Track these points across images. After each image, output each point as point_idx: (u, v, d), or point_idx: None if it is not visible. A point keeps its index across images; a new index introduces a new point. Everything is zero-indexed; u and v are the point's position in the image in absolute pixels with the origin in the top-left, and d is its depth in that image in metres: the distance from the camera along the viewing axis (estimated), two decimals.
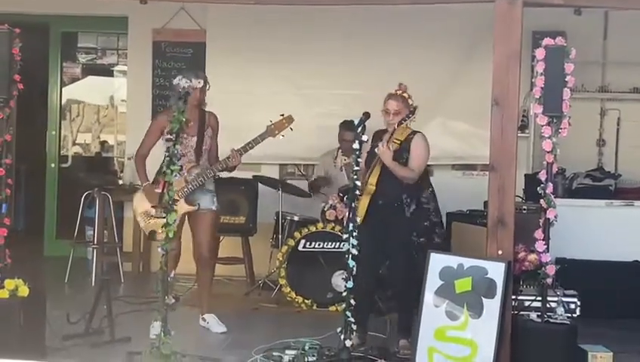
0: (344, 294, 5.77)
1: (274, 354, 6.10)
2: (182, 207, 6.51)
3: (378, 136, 6.53)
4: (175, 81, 6.43)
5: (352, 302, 5.75)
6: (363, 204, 6.34)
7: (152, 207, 6.61)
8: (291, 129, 6.78)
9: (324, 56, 9.29)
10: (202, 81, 6.66)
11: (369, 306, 6.64)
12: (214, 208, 6.84)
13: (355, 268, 5.75)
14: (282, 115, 6.77)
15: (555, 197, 5.81)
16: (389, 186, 6.38)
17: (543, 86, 5.70)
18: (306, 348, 6.17)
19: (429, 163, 6.65)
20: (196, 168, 6.71)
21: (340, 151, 8.46)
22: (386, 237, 6.40)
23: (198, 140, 6.75)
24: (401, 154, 6.41)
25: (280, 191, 8.64)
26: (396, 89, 6.57)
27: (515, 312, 5.78)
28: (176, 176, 5.70)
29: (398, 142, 6.44)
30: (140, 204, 6.83)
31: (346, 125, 8.06)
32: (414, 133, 6.52)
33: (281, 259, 8.06)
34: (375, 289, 6.80)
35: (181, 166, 5.94)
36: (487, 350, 5.46)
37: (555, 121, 5.71)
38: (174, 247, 6.35)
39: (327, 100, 9.29)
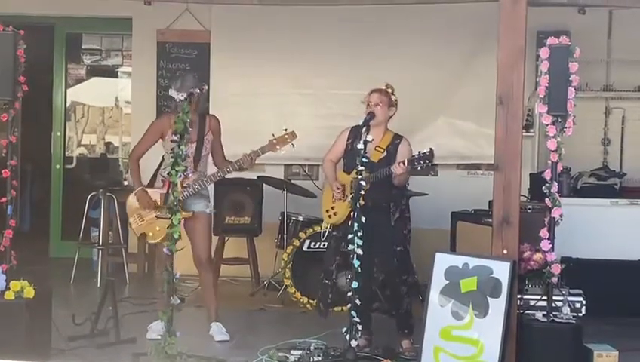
0: (349, 294, 5.77)
1: (279, 354, 6.11)
2: None
3: (353, 133, 6.49)
4: (170, 93, 6.41)
5: (358, 302, 5.75)
6: (347, 205, 6.34)
7: (156, 207, 6.59)
8: (293, 145, 6.67)
9: (328, 56, 9.29)
10: (206, 86, 6.60)
11: (370, 306, 6.64)
12: (208, 211, 6.81)
13: (360, 268, 5.75)
14: (285, 130, 6.66)
15: (560, 196, 5.81)
16: (377, 191, 6.26)
17: (547, 85, 5.69)
18: (312, 348, 6.19)
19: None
20: (194, 175, 6.66)
21: None
22: (372, 242, 6.37)
23: (198, 146, 6.67)
24: (389, 160, 6.37)
25: (285, 192, 8.65)
26: (384, 85, 6.57)
27: (521, 311, 5.77)
28: (180, 176, 5.70)
29: (381, 150, 6.43)
30: (133, 205, 6.75)
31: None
32: (399, 137, 6.51)
33: (286, 259, 8.07)
34: (373, 289, 6.79)
35: (186, 167, 5.93)
36: (492, 349, 5.45)
37: (559, 120, 5.71)
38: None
39: (331, 100, 9.29)
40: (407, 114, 6.85)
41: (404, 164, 6.20)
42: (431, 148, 6.17)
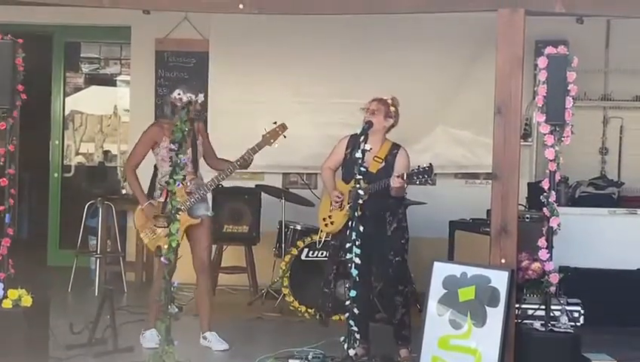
0: (347, 303, 5.76)
1: None
2: (186, 220, 6.48)
3: (352, 142, 6.48)
4: (173, 95, 6.41)
5: (356, 311, 5.74)
6: (344, 214, 6.34)
7: (154, 217, 6.59)
8: (284, 136, 6.70)
9: (327, 64, 9.30)
10: (202, 96, 6.62)
11: (373, 317, 6.63)
12: (209, 214, 6.83)
13: (358, 277, 5.74)
14: (275, 123, 6.70)
15: (558, 206, 5.82)
16: (374, 200, 6.20)
17: (545, 94, 5.71)
18: (310, 357, 6.18)
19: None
20: (196, 180, 6.68)
21: None
22: (370, 252, 6.35)
23: (193, 151, 6.66)
24: (387, 171, 6.35)
25: (283, 201, 8.65)
26: (390, 97, 6.57)
27: (519, 321, 5.77)
28: (179, 184, 5.70)
29: (380, 160, 6.43)
30: (142, 220, 6.71)
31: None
32: (397, 147, 6.50)
33: (284, 268, 8.06)
34: (372, 299, 6.79)
35: (184, 175, 5.92)
36: (490, 358, 5.45)
37: (557, 129, 5.72)
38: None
39: (330, 109, 9.28)
40: (407, 122, 6.85)
41: (402, 178, 6.19)
42: (430, 164, 6.14)
